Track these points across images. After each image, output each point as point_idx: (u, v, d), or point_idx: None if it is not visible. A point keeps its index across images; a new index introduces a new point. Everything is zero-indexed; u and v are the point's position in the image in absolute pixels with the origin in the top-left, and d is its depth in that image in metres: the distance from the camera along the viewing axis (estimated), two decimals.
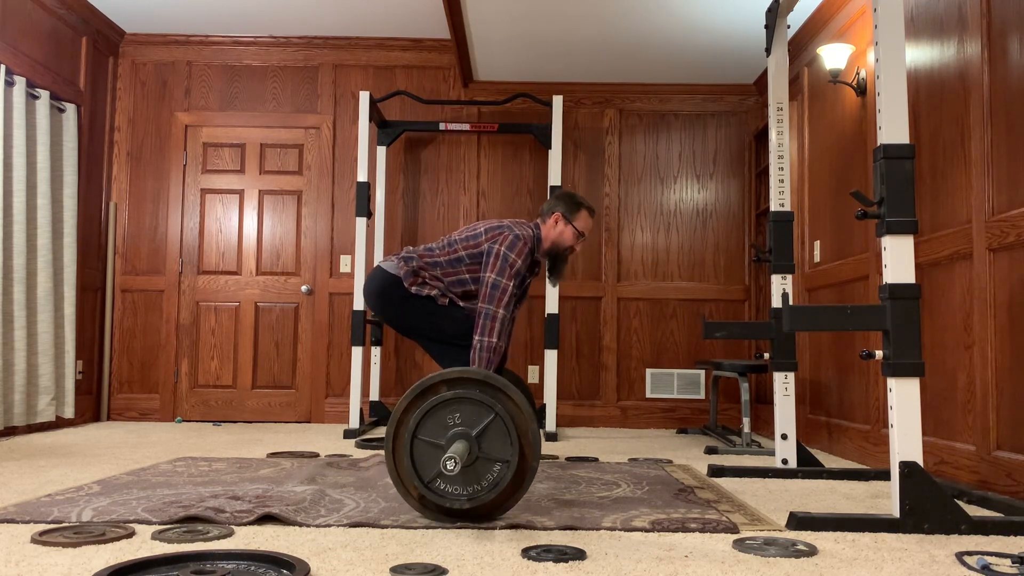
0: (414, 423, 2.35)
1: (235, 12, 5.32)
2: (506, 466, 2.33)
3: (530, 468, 2.38)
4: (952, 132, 3.25)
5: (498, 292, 2.98)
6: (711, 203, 5.84)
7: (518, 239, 3.04)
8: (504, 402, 2.39)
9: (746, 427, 4.43)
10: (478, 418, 2.36)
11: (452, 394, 2.36)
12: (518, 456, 2.34)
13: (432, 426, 2.35)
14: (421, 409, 2.37)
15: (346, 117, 5.72)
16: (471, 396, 2.36)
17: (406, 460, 2.34)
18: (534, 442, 2.37)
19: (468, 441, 2.33)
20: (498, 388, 2.39)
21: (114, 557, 1.93)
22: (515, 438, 2.34)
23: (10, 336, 4.48)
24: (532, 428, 2.37)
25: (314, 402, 5.58)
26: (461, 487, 2.34)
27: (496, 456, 2.34)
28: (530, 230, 3.14)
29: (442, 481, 2.34)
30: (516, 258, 3.01)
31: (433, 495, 2.33)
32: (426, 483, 2.34)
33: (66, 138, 5.00)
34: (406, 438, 2.35)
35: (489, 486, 2.33)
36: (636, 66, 5.52)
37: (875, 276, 3.83)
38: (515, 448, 2.33)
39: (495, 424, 2.35)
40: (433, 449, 2.34)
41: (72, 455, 3.77)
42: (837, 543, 2.21)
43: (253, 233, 5.68)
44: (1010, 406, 2.85)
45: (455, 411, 2.36)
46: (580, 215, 3.22)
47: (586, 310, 5.76)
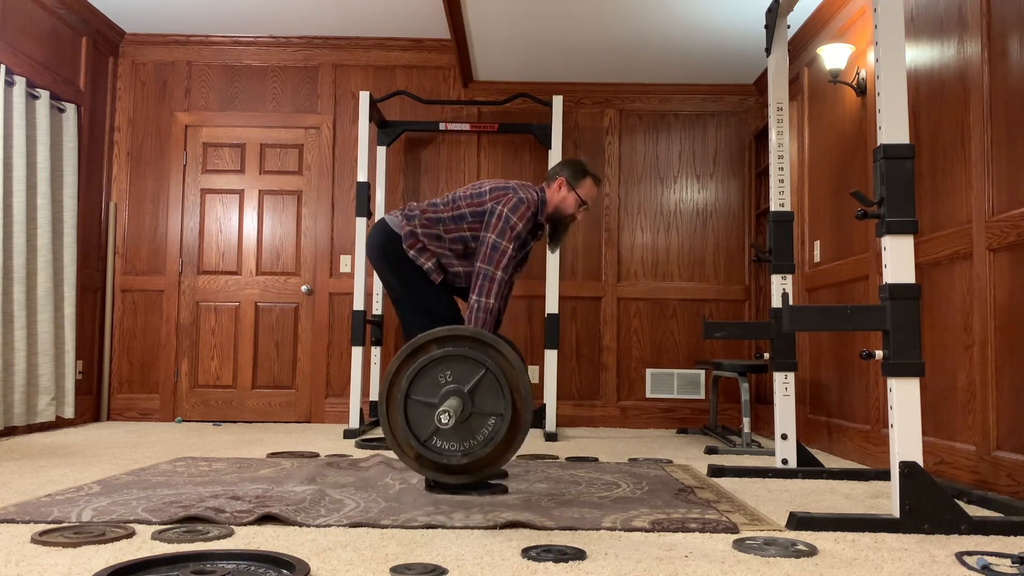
0: (406, 383, 2.35)
1: (235, 12, 5.32)
2: (500, 420, 2.34)
3: (523, 421, 2.39)
4: (952, 132, 3.25)
5: (497, 254, 2.91)
6: (711, 203, 5.84)
7: (521, 202, 2.98)
8: (495, 357, 2.40)
9: (746, 427, 4.43)
10: (469, 374, 2.36)
11: (442, 352, 2.37)
12: (511, 410, 2.35)
13: (424, 385, 2.36)
14: (412, 369, 2.38)
15: (346, 117, 5.72)
16: (461, 353, 2.37)
17: (400, 420, 2.35)
18: (526, 396, 2.38)
19: (461, 397, 2.33)
20: (488, 344, 2.40)
21: (114, 557, 1.93)
22: (507, 392, 2.35)
23: (10, 336, 4.48)
24: (524, 382, 2.38)
25: (314, 402, 5.58)
26: (457, 443, 2.35)
27: (489, 410, 2.35)
28: (534, 193, 3.08)
29: (438, 438, 2.35)
30: (518, 221, 2.95)
31: (430, 453, 2.34)
32: (422, 441, 2.34)
33: (66, 138, 5.00)
34: (399, 399, 2.36)
35: (484, 440, 2.34)
36: (636, 66, 5.52)
37: (875, 276, 3.83)
38: (508, 402, 2.34)
39: (487, 379, 2.36)
40: (427, 408, 2.35)
41: (72, 455, 3.77)
42: (837, 543, 2.21)
43: (253, 233, 5.68)
44: (1010, 406, 2.85)
45: (446, 369, 2.37)
46: (584, 183, 3.16)
47: (586, 310, 5.76)
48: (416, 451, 2.36)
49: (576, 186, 3.14)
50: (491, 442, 2.33)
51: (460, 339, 2.40)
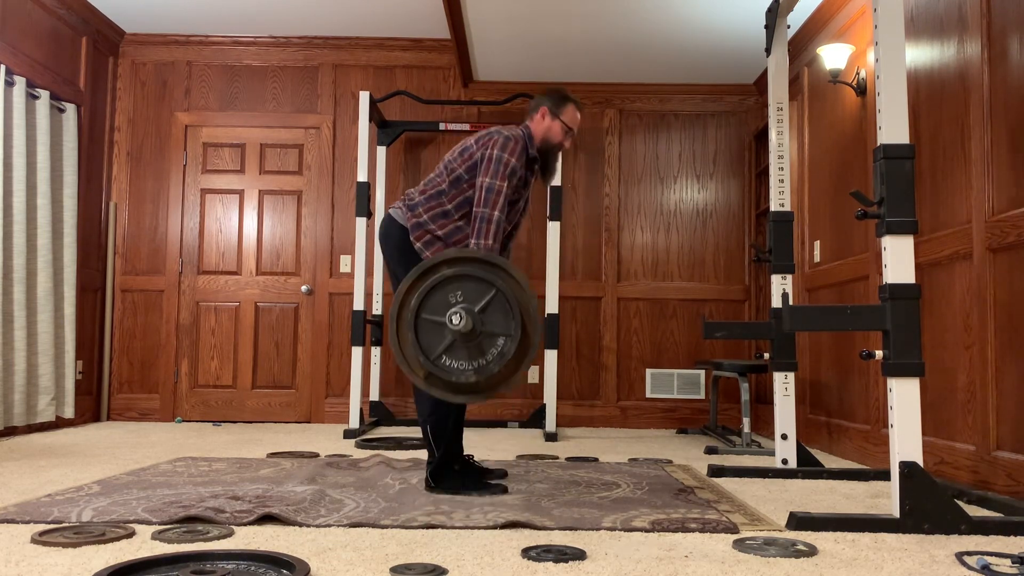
0: (416, 302, 2.36)
1: (235, 12, 5.32)
2: (510, 339, 2.35)
3: (532, 343, 2.40)
4: (952, 132, 3.25)
5: (492, 194, 2.85)
6: (711, 203, 5.84)
7: (509, 139, 2.94)
8: (505, 279, 2.41)
9: (746, 427, 4.43)
10: (479, 295, 2.38)
11: (453, 272, 2.38)
12: (520, 330, 2.36)
13: (435, 304, 2.37)
14: (423, 288, 2.38)
15: (346, 117, 5.72)
16: (472, 273, 2.38)
17: (411, 338, 2.36)
18: (535, 317, 2.40)
19: (472, 316, 2.34)
20: (498, 266, 2.42)
21: (114, 557, 1.93)
22: (517, 313, 2.36)
23: (10, 336, 4.48)
24: (532, 304, 2.40)
25: (314, 402, 5.58)
26: (467, 362, 2.36)
27: (499, 331, 2.36)
28: (519, 130, 3.06)
29: (448, 357, 2.36)
30: (509, 157, 2.91)
31: (439, 371, 2.35)
32: (432, 359, 2.35)
33: (66, 138, 5.00)
34: (409, 318, 2.37)
35: (495, 358, 2.35)
36: (636, 66, 5.52)
37: (875, 276, 3.83)
38: (517, 322, 2.35)
39: (497, 300, 2.37)
40: (437, 327, 2.36)
41: (72, 455, 3.77)
42: (837, 543, 2.21)
43: (253, 233, 5.68)
44: (1010, 406, 2.85)
45: (456, 289, 2.38)
46: (567, 109, 3.13)
47: (586, 310, 5.76)
48: (426, 369, 2.38)
49: (559, 113, 3.10)
50: (500, 362, 2.34)
51: (471, 260, 2.42)
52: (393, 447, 4.19)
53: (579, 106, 3.18)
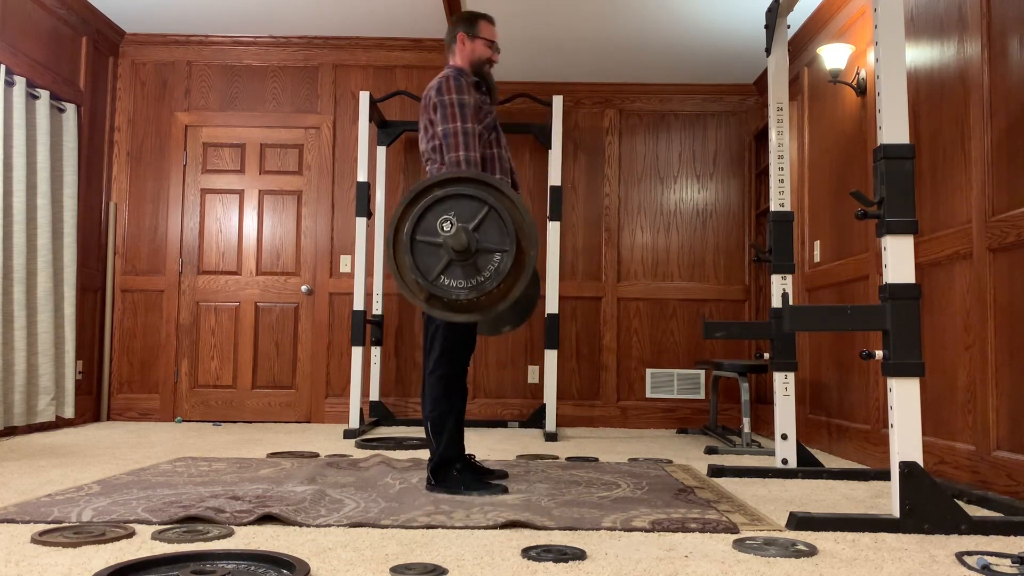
0: (411, 225, 2.39)
1: (235, 12, 5.32)
2: (506, 255, 2.37)
3: (528, 257, 2.43)
4: (952, 132, 3.25)
5: (451, 138, 2.81)
6: (711, 203, 5.84)
7: (446, 80, 2.92)
8: (497, 196, 2.43)
9: (746, 427, 4.43)
10: (473, 213, 2.40)
11: (444, 192, 2.41)
12: (515, 245, 2.38)
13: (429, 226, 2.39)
14: (416, 211, 2.41)
15: (346, 117, 5.72)
16: (464, 192, 2.41)
17: (408, 261, 2.38)
18: (530, 233, 2.42)
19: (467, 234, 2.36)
20: (490, 184, 2.44)
21: (114, 557, 1.93)
22: (511, 229, 2.38)
23: (10, 336, 4.48)
24: (527, 220, 2.42)
25: (314, 402, 5.58)
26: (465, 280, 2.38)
27: (494, 247, 2.38)
28: (451, 70, 3.02)
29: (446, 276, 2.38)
30: (453, 95, 2.87)
31: (439, 290, 2.37)
32: (431, 280, 2.37)
33: (66, 138, 5.00)
34: (405, 241, 2.39)
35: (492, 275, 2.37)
36: (636, 66, 5.52)
37: (875, 276, 3.83)
38: (512, 238, 2.38)
39: (490, 217, 2.39)
40: (433, 248, 2.39)
41: (72, 455, 3.77)
42: (837, 543, 2.21)
43: (253, 233, 5.68)
44: (1010, 406, 2.85)
45: (450, 209, 2.41)
46: (480, 25, 3.12)
47: (586, 310, 5.76)
48: (426, 291, 2.40)
49: (476, 32, 3.10)
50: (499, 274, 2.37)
51: (462, 180, 2.45)
52: (393, 447, 4.19)
53: (490, 19, 3.16)
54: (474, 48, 3.10)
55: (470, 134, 2.84)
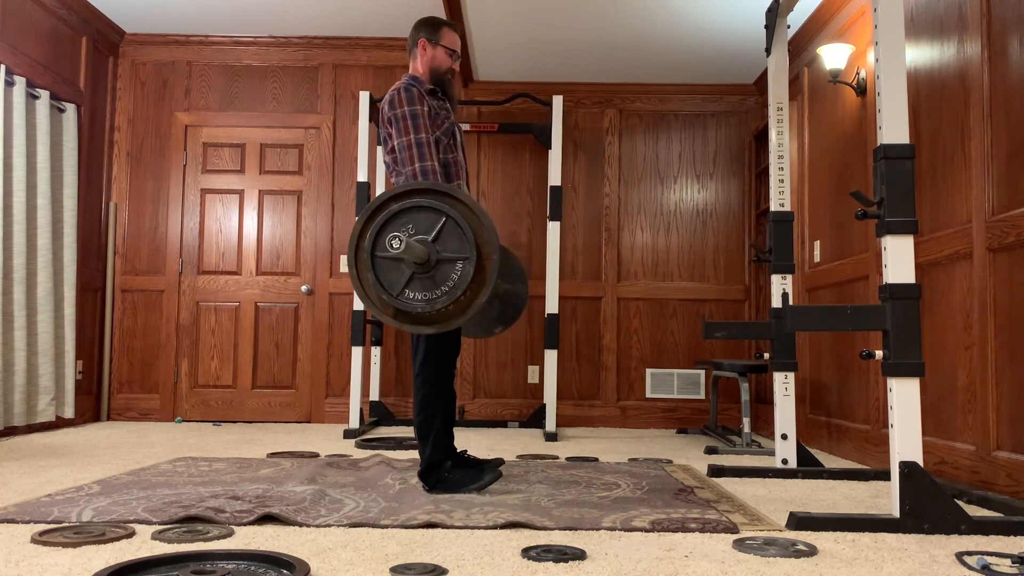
0: (370, 242, 2.39)
1: (235, 12, 5.32)
2: (467, 262, 2.38)
3: (490, 261, 2.42)
4: (952, 132, 3.25)
5: (406, 151, 2.81)
6: (711, 203, 5.84)
7: (397, 92, 2.90)
8: (453, 204, 2.44)
9: (746, 427, 4.43)
10: (431, 224, 2.41)
11: (399, 206, 2.42)
12: (476, 252, 2.39)
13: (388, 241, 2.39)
14: (374, 227, 2.41)
15: (346, 117, 5.72)
16: (420, 204, 2.42)
17: (370, 278, 2.39)
18: (490, 238, 2.42)
19: (426, 246, 2.37)
20: (445, 193, 2.45)
21: (114, 557, 1.93)
22: (470, 236, 2.39)
23: (10, 336, 4.48)
24: (486, 225, 2.43)
25: (314, 402, 5.58)
26: (430, 291, 2.39)
27: (455, 255, 2.38)
28: (403, 80, 3.00)
29: (410, 290, 2.39)
30: (407, 107, 2.86)
31: (405, 305, 2.38)
32: (395, 295, 2.38)
33: (66, 138, 5.00)
34: (366, 259, 2.40)
35: (456, 283, 2.38)
36: (636, 66, 5.52)
37: (875, 276, 3.83)
38: (472, 244, 2.38)
39: (448, 226, 2.40)
40: (394, 262, 2.39)
41: (72, 455, 3.77)
42: (837, 543, 2.21)
43: (253, 233, 5.68)
44: (1010, 406, 2.85)
45: (407, 222, 2.42)
46: (442, 33, 3.09)
47: (586, 310, 5.76)
48: (392, 306, 2.40)
49: (438, 40, 3.08)
50: (461, 286, 2.37)
51: (417, 192, 2.45)
52: (393, 447, 4.19)
53: (454, 27, 3.12)
54: (435, 55, 3.08)
55: (424, 144, 2.83)
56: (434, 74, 3.08)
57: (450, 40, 3.11)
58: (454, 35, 3.13)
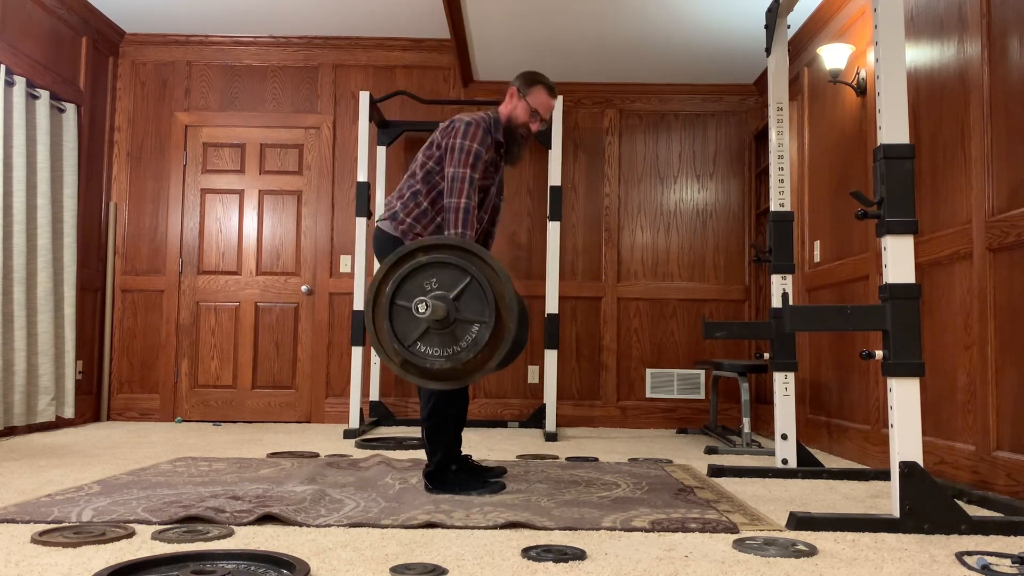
0: (392, 289, 2.38)
1: (235, 12, 5.32)
2: (484, 327, 2.36)
3: (507, 329, 2.40)
4: (952, 132, 3.25)
5: (457, 183, 2.81)
6: (711, 203, 5.84)
7: (469, 125, 2.90)
8: (480, 266, 2.42)
9: (746, 427, 4.43)
10: (454, 281, 2.39)
11: (428, 259, 2.40)
12: (495, 318, 2.37)
13: (410, 291, 2.38)
14: (399, 275, 2.40)
15: (346, 117, 5.72)
16: (447, 260, 2.39)
17: (386, 325, 2.37)
18: (511, 305, 2.40)
19: (446, 303, 2.35)
20: (474, 253, 2.43)
21: (114, 557, 1.93)
22: (491, 300, 2.37)
23: (10, 336, 4.48)
24: (509, 291, 2.40)
25: (314, 402, 5.58)
26: (442, 348, 2.37)
27: (474, 317, 2.37)
28: (484, 115, 3.00)
29: (422, 343, 2.37)
30: (471, 143, 2.86)
31: (414, 357, 2.36)
32: (407, 346, 2.36)
33: (66, 138, 5.00)
34: (385, 304, 2.38)
35: (468, 346, 2.36)
36: (636, 66, 5.52)
37: (875, 276, 3.83)
38: (492, 309, 2.36)
39: (471, 287, 2.38)
40: (411, 313, 2.37)
41: (72, 455, 3.77)
42: (837, 543, 2.21)
43: (253, 233, 5.68)
44: (1010, 406, 2.85)
45: (432, 276, 2.40)
46: (534, 90, 3.04)
47: (586, 310, 5.76)
48: (401, 356, 2.38)
49: (526, 93, 3.04)
50: (473, 348, 2.35)
51: (447, 247, 2.43)
52: (393, 447, 4.19)
53: (551, 91, 3.08)
54: (516, 107, 3.05)
55: (474, 183, 2.84)
56: (508, 124, 3.05)
57: (538, 100, 3.05)
58: (546, 97, 3.07)
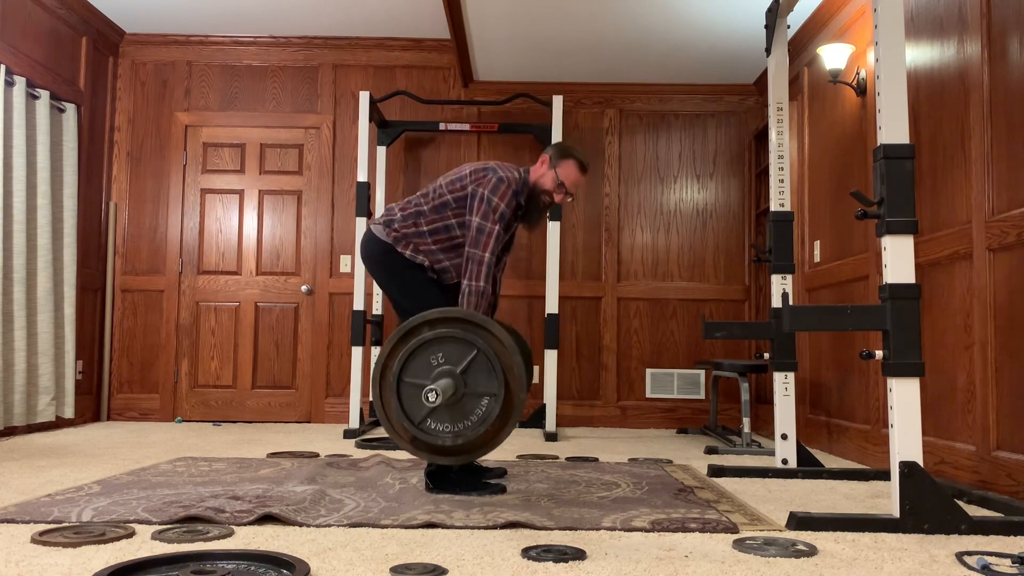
0: (399, 366, 2.36)
1: (235, 12, 5.32)
2: (493, 399, 2.35)
3: (517, 400, 2.39)
4: (952, 132, 3.25)
5: (483, 236, 2.85)
6: (711, 203, 5.84)
7: (501, 181, 2.90)
8: (486, 338, 2.41)
9: (746, 427, 4.43)
10: (461, 355, 2.37)
11: (434, 334, 2.38)
12: (504, 389, 2.36)
13: (417, 367, 2.37)
14: (405, 351, 2.38)
15: (346, 117, 5.72)
16: (453, 334, 2.38)
17: (394, 403, 2.36)
18: (519, 376, 2.39)
19: (453, 378, 2.34)
20: (479, 325, 2.41)
21: (114, 557, 1.93)
22: (499, 372, 2.35)
23: (10, 336, 4.48)
24: (516, 362, 2.39)
25: (314, 402, 5.58)
26: (450, 424, 2.35)
27: (482, 391, 2.35)
28: (516, 173, 3.01)
29: (432, 420, 2.35)
30: (499, 201, 2.88)
31: (424, 435, 2.34)
32: (416, 424, 2.35)
33: (66, 138, 5.00)
34: (392, 382, 2.37)
35: (478, 421, 2.35)
36: (636, 66, 5.52)
37: (875, 276, 3.83)
38: (500, 381, 2.34)
39: (479, 360, 2.37)
40: (419, 390, 2.36)
41: (72, 455, 3.77)
42: (837, 543, 2.21)
43: (253, 233, 5.68)
44: (1010, 406, 2.85)
45: (438, 350, 2.38)
46: (565, 163, 3.03)
47: (586, 310, 5.76)
48: (411, 434, 2.37)
49: (556, 164, 3.03)
50: (484, 423, 2.34)
51: (451, 321, 2.41)
52: (393, 447, 4.19)
53: (582, 167, 3.07)
54: (544, 175, 3.05)
55: (496, 238, 2.88)
56: (534, 188, 3.05)
57: (567, 172, 3.04)
58: (575, 171, 3.06)
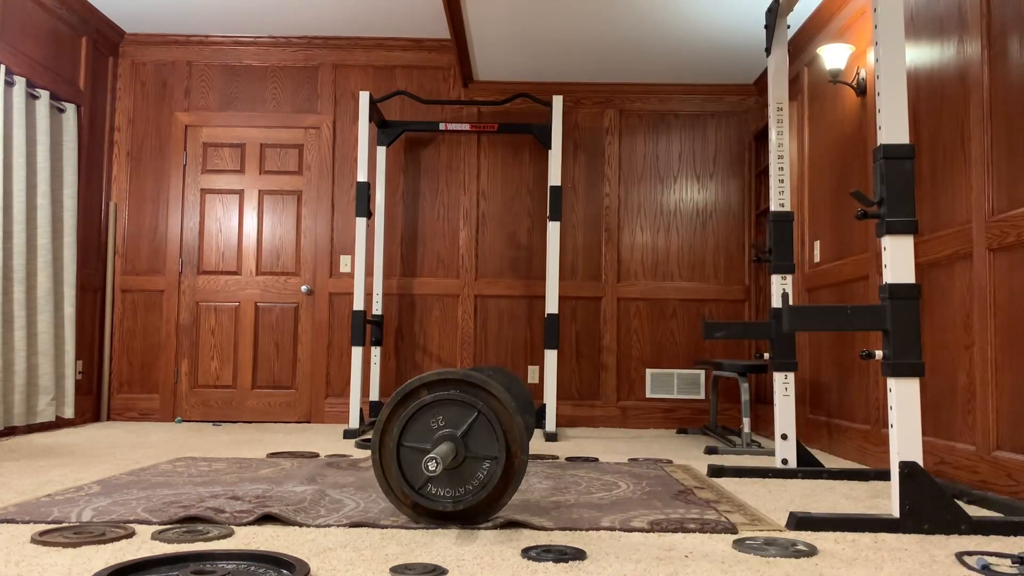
0: (398, 431, 2.34)
1: (235, 12, 5.32)
2: (494, 463, 2.33)
3: (518, 462, 2.38)
4: (952, 132, 3.25)
5: None
6: (711, 203, 5.84)
7: None
8: (486, 399, 2.39)
9: (746, 427, 4.43)
10: (461, 418, 2.35)
11: (432, 397, 2.36)
12: (505, 452, 2.34)
13: (417, 431, 2.35)
14: (404, 415, 2.36)
15: (346, 117, 5.72)
16: (452, 397, 2.36)
17: (395, 469, 2.33)
18: (520, 437, 2.37)
19: (454, 442, 2.32)
20: (478, 386, 2.39)
21: (114, 557, 1.93)
22: (500, 434, 2.33)
23: (10, 336, 4.48)
24: (517, 422, 2.37)
25: (314, 402, 5.58)
26: (452, 489, 2.33)
27: (483, 454, 2.34)
28: None
29: (432, 485, 2.33)
30: None
31: (425, 500, 2.32)
32: (417, 489, 2.32)
33: (66, 138, 5.00)
34: (392, 447, 2.35)
35: (479, 485, 2.33)
36: (636, 66, 5.52)
37: (875, 276, 3.83)
38: (501, 444, 2.32)
39: (479, 422, 2.35)
40: (420, 455, 2.33)
41: (72, 455, 3.77)
42: (837, 543, 2.21)
43: (253, 233, 5.68)
44: (1010, 406, 2.85)
45: (437, 414, 2.36)
46: None
47: (586, 310, 5.76)
48: (412, 499, 2.35)
49: None
50: (486, 486, 2.32)
51: (450, 383, 2.39)
52: None
53: None
54: None
55: None
56: None
57: None
58: None
